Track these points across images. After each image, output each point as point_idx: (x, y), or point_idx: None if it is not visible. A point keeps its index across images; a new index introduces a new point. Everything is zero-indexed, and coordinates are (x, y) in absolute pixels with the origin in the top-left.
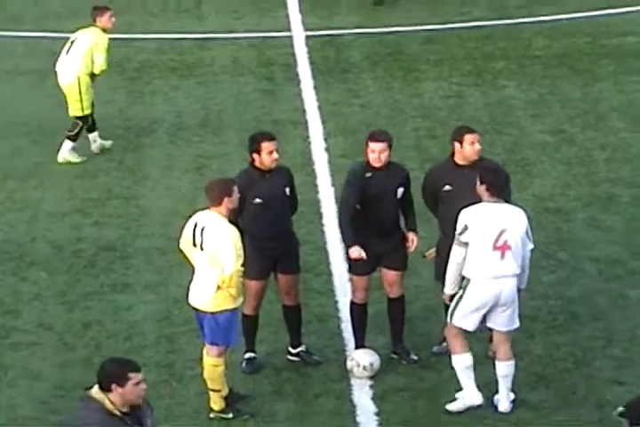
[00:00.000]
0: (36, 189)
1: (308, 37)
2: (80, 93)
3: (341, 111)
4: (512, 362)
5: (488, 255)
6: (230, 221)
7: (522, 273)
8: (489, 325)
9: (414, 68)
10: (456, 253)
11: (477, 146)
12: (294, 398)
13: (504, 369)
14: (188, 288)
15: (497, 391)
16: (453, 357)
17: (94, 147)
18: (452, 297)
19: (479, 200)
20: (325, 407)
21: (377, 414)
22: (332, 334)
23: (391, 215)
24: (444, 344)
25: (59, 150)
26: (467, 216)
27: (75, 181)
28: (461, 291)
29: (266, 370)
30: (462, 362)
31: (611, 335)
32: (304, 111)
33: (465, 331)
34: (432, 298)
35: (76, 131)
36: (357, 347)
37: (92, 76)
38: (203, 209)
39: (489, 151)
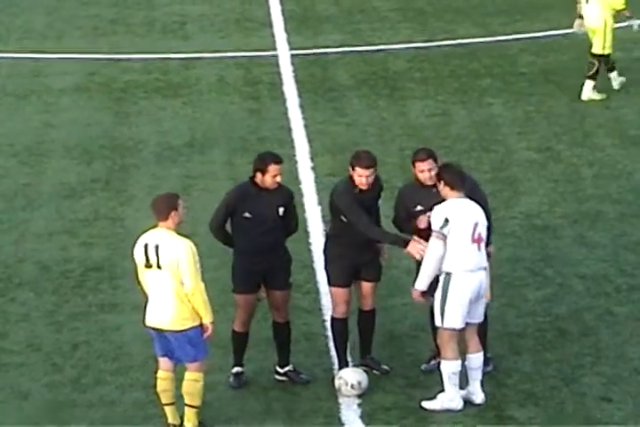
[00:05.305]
0: (23, 209)
1: (293, 56)
2: (604, 33)
3: (327, 130)
4: (482, 353)
5: (468, 248)
6: (184, 235)
7: None
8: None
9: (400, 86)
10: (437, 246)
11: (429, 174)
12: (283, 416)
13: (477, 361)
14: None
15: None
16: (443, 362)
17: (615, 84)
18: (423, 294)
19: None
20: (314, 426)
21: None
22: (319, 352)
23: None
24: (433, 362)
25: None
26: (445, 210)
27: (62, 201)
28: (442, 290)
29: (254, 389)
30: (451, 368)
31: (599, 352)
32: (290, 130)
33: (456, 331)
34: (421, 316)
35: (594, 70)
36: (341, 365)
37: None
38: (148, 230)
39: (476, 169)
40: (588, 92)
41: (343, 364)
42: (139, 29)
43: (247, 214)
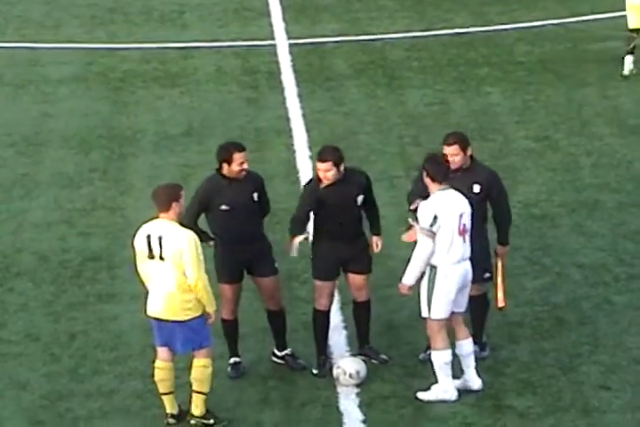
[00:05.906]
0: (21, 199)
1: (291, 46)
2: None
3: (325, 119)
4: (471, 339)
5: (455, 241)
6: (183, 225)
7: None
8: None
9: (398, 75)
10: (426, 244)
11: (454, 159)
12: (280, 406)
13: (467, 347)
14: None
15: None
16: (434, 352)
17: (626, 69)
18: (410, 288)
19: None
20: (312, 415)
21: (363, 421)
22: None
23: (353, 222)
24: (429, 351)
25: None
26: (432, 206)
27: (60, 191)
28: (427, 282)
29: (252, 378)
30: (442, 358)
31: (597, 341)
32: (288, 119)
33: (444, 321)
34: (418, 306)
35: (633, 44)
36: (320, 358)
37: None
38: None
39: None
40: (629, 65)
41: (322, 355)
42: (136, 18)
43: (224, 207)
